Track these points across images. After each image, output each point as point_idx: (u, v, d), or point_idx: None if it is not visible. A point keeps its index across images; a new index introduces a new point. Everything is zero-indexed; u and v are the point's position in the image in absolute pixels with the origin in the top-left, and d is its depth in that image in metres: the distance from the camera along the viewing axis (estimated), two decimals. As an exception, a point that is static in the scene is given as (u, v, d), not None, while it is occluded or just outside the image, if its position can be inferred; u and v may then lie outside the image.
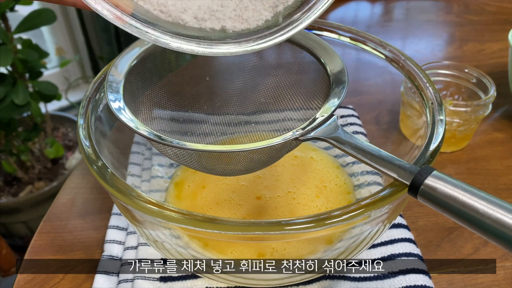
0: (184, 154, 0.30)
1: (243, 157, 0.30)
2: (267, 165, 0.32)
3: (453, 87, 0.52)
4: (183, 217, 0.25)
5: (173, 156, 0.31)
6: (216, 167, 0.31)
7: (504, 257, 0.39)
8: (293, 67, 0.36)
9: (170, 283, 0.36)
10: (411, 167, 0.25)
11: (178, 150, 0.30)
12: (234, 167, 0.31)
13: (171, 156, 0.31)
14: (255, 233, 0.25)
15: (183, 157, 0.31)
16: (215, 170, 0.32)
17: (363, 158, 0.27)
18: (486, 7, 0.80)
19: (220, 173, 0.32)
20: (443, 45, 0.73)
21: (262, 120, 0.37)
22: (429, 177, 0.24)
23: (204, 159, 0.30)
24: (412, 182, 0.25)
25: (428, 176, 0.24)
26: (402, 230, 0.40)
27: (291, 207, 0.39)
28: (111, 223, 0.42)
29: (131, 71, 0.32)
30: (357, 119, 0.48)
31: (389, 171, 0.26)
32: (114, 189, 0.27)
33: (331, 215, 0.25)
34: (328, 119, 0.29)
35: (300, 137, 0.29)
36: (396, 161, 0.26)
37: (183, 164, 0.32)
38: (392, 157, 0.27)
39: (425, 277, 0.36)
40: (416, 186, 0.24)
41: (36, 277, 0.39)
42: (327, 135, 0.29)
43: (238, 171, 0.32)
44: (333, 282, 0.36)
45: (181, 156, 0.31)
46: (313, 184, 0.41)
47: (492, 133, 0.53)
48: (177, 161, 0.32)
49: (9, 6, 0.76)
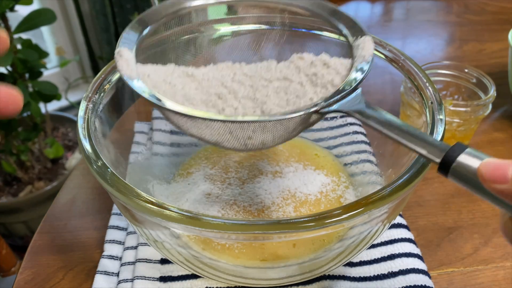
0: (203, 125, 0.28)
1: (264, 128, 0.28)
2: (282, 141, 0.30)
3: (453, 87, 0.52)
4: (183, 217, 0.25)
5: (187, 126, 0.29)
6: (230, 139, 0.29)
7: (504, 257, 0.39)
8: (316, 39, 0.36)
9: (169, 283, 0.36)
10: (442, 143, 0.24)
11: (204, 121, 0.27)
12: (249, 141, 0.29)
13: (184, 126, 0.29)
14: (254, 232, 0.25)
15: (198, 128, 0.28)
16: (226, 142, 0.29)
17: (389, 133, 0.26)
18: (486, 7, 0.80)
19: (230, 146, 0.30)
20: (443, 45, 0.73)
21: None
22: (462, 154, 0.22)
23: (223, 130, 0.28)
24: (443, 159, 0.23)
25: (461, 153, 0.22)
26: (402, 230, 0.40)
27: (291, 207, 0.39)
28: (111, 223, 0.42)
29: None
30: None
31: (418, 147, 0.24)
32: (114, 189, 0.27)
33: (331, 214, 0.25)
34: (352, 92, 0.28)
35: (322, 110, 0.28)
36: (426, 136, 0.25)
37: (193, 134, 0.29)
38: (421, 132, 0.25)
39: (425, 277, 0.36)
40: (447, 164, 0.22)
41: (36, 277, 0.39)
42: (351, 108, 0.27)
43: (251, 146, 0.29)
44: (333, 282, 0.36)
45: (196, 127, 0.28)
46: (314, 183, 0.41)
47: (492, 133, 0.53)
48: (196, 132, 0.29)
49: (9, 6, 0.76)
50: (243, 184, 0.41)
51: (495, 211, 0.43)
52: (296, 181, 0.41)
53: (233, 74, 0.34)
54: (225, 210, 0.38)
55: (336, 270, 0.37)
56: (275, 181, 0.41)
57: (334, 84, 0.30)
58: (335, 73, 0.31)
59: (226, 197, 0.40)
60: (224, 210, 0.38)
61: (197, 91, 0.32)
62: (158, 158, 0.44)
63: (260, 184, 0.41)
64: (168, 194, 0.41)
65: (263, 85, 0.32)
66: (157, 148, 0.45)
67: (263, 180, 0.41)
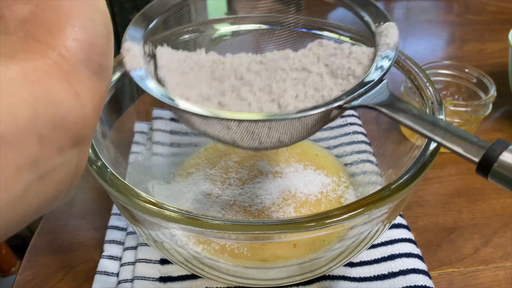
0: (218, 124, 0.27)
1: (282, 126, 0.26)
2: (300, 139, 0.28)
3: (453, 87, 0.52)
4: (183, 217, 0.25)
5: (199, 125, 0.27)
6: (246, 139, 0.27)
7: (504, 257, 0.39)
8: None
9: (169, 283, 0.36)
10: (480, 140, 0.21)
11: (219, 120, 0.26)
12: (267, 139, 0.27)
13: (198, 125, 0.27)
14: (255, 233, 0.25)
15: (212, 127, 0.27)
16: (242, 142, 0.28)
17: (420, 129, 0.23)
18: (487, 7, 0.80)
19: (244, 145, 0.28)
20: (443, 45, 0.73)
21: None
22: (505, 151, 0.19)
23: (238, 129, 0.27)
24: (482, 158, 0.20)
25: (504, 151, 0.20)
26: (402, 230, 0.40)
27: (292, 207, 0.39)
28: (110, 223, 0.42)
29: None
30: (357, 119, 0.48)
31: (453, 145, 0.22)
32: (114, 189, 0.27)
33: (331, 214, 0.25)
34: (378, 84, 0.26)
35: (345, 104, 0.25)
36: (462, 133, 0.22)
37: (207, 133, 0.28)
38: (456, 128, 0.23)
39: (425, 277, 0.36)
40: (488, 163, 0.20)
41: (36, 277, 0.39)
42: (377, 102, 0.25)
43: (268, 144, 0.28)
44: (333, 282, 0.36)
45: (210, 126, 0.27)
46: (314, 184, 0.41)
47: (492, 133, 0.53)
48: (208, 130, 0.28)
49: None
50: (243, 185, 0.41)
51: (495, 211, 0.43)
52: (297, 181, 0.41)
53: (249, 63, 0.32)
54: (225, 210, 0.38)
55: (336, 271, 0.37)
56: (275, 181, 0.41)
57: (356, 76, 0.28)
58: (356, 63, 0.29)
59: (226, 197, 0.40)
60: (224, 210, 0.38)
61: (211, 82, 0.31)
62: (158, 158, 0.44)
63: (260, 184, 0.41)
64: (168, 194, 0.41)
65: (281, 76, 0.30)
66: (157, 148, 0.45)
67: (263, 181, 0.41)
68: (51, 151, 0.15)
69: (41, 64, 0.15)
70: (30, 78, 0.15)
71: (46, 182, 0.16)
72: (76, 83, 0.16)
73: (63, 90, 0.16)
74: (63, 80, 0.16)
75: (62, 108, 0.15)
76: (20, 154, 0.14)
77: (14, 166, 0.14)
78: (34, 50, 0.16)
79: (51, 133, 0.15)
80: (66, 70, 0.16)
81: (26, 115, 0.14)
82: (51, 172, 0.16)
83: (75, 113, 0.16)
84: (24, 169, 0.14)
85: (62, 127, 0.16)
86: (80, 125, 0.16)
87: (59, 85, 0.16)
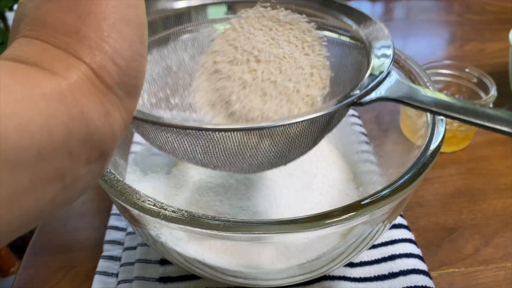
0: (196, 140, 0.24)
1: (279, 135, 0.24)
2: (308, 150, 0.27)
3: (453, 87, 0.52)
4: (183, 217, 0.25)
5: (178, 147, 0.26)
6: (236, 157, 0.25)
7: (505, 257, 0.39)
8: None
9: (169, 283, 0.36)
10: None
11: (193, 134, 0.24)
12: (256, 159, 0.25)
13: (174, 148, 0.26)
14: (254, 233, 0.25)
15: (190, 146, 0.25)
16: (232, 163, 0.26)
17: (454, 114, 0.23)
18: (487, 7, 0.80)
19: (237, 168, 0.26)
20: (444, 44, 0.73)
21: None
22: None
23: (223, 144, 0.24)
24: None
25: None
26: (402, 230, 0.40)
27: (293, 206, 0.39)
28: (110, 223, 0.42)
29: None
30: (357, 119, 0.48)
31: (496, 125, 0.23)
32: (113, 189, 0.27)
33: (331, 215, 0.25)
34: (386, 76, 0.26)
35: (359, 100, 0.24)
36: (499, 112, 0.23)
37: (185, 158, 0.27)
38: (490, 108, 0.23)
39: (426, 278, 0.36)
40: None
41: (35, 277, 0.38)
42: (395, 94, 0.24)
43: (261, 164, 0.26)
44: (333, 283, 0.36)
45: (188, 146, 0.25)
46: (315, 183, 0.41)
47: (492, 133, 0.52)
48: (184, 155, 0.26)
49: (8, 5, 0.76)
50: (244, 184, 0.41)
51: (496, 211, 0.43)
52: (298, 179, 0.41)
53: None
54: (224, 210, 0.38)
55: (336, 271, 0.37)
56: (276, 179, 0.41)
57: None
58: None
59: (226, 197, 0.40)
60: (224, 209, 0.38)
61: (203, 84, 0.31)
62: (158, 158, 0.44)
63: (261, 182, 0.41)
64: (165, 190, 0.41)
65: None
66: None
67: (264, 179, 0.41)
68: (78, 164, 0.16)
69: (79, 83, 0.16)
70: (68, 98, 0.15)
71: (70, 190, 0.17)
72: (109, 104, 0.17)
73: (96, 109, 0.16)
74: (97, 101, 0.16)
75: (92, 127, 0.16)
76: (51, 168, 0.15)
77: (45, 179, 0.15)
78: (74, 68, 0.16)
79: (80, 150, 0.16)
80: (101, 91, 0.17)
81: (61, 135, 0.15)
82: (76, 181, 0.17)
83: (104, 131, 0.17)
84: (54, 181, 0.15)
85: (91, 143, 0.16)
86: (109, 140, 0.17)
87: (93, 105, 0.16)
